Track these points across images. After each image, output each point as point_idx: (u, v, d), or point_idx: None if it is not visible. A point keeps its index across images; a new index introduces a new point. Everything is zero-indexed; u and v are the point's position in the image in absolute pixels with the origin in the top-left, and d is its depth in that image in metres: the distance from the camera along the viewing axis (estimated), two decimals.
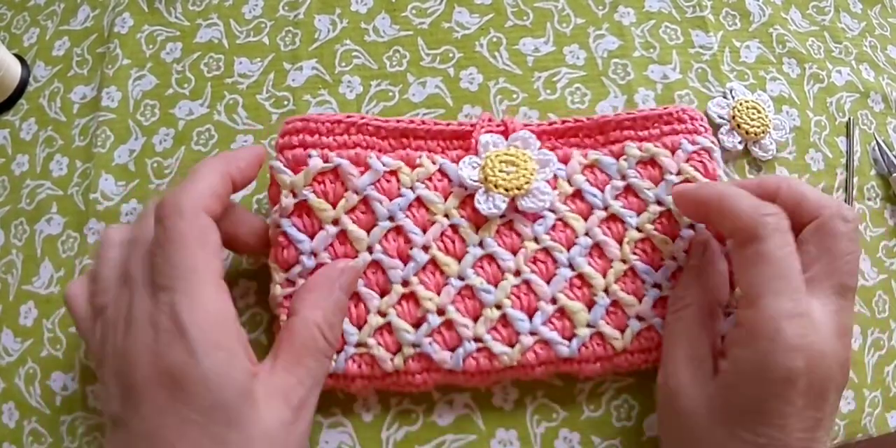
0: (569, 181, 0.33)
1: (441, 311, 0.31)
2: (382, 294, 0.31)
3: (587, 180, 0.33)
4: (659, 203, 0.33)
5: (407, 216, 0.32)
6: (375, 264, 0.31)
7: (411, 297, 0.31)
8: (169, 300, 0.24)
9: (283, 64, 0.40)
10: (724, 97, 0.39)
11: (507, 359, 0.30)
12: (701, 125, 0.34)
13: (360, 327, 0.31)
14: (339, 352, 0.30)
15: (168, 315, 0.24)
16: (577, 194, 0.33)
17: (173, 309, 0.24)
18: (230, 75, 0.40)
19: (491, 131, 0.33)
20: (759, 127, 0.38)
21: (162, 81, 0.40)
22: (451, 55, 0.40)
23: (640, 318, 0.31)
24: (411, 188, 0.32)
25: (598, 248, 0.32)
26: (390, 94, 0.39)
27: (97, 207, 0.37)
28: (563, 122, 0.34)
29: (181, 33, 0.41)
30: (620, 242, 0.32)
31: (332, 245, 0.31)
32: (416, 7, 0.41)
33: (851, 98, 0.41)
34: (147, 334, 0.24)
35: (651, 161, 0.33)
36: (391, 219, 0.32)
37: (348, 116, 0.33)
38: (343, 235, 0.32)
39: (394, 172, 0.32)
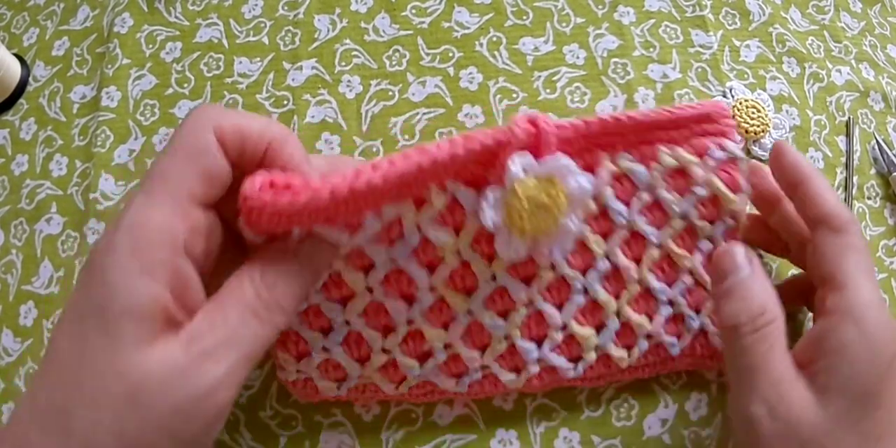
0: (595, 198, 0.29)
1: (448, 345, 0.30)
2: (385, 332, 0.29)
3: (614, 194, 0.30)
4: (683, 217, 0.30)
5: (410, 257, 0.28)
6: (377, 304, 0.29)
7: (417, 334, 0.29)
8: (133, 199, 0.23)
9: (283, 63, 0.40)
10: (724, 96, 0.39)
11: (511, 384, 0.30)
12: (728, 124, 0.30)
13: (362, 363, 0.29)
14: (341, 382, 0.30)
15: (124, 208, 0.23)
16: (603, 213, 0.30)
17: (128, 205, 0.23)
18: (230, 75, 0.40)
19: (521, 145, 0.26)
20: (758, 126, 0.38)
21: (162, 81, 0.40)
22: (450, 55, 0.40)
23: (649, 336, 0.31)
24: (417, 227, 0.28)
25: (615, 271, 0.30)
26: (390, 93, 0.39)
27: (97, 207, 0.37)
28: (601, 121, 0.29)
29: (181, 33, 0.41)
30: (639, 262, 0.30)
31: (325, 286, 0.28)
32: (416, 6, 0.41)
33: (851, 97, 0.41)
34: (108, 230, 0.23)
35: (680, 170, 0.30)
36: (392, 260, 0.28)
37: (332, 190, 0.24)
38: (337, 277, 0.28)
39: (395, 220, 0.27)
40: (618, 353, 0.30)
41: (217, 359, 0.22)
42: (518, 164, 0.26)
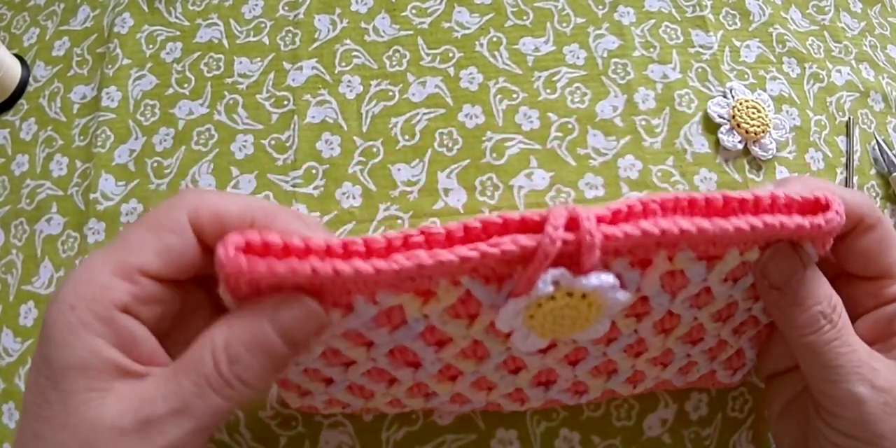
0: (637, 289, 0.24)
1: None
2: (390, 384, 0.27)
3: (660, 285, 0.24)
4: (727, 298, 0.26)
5: (417, 339, 0.24)
6: (380, 369, 0.26)
7: (422, 385, 0.28)
8: (90, 256, 0.23)
9: (283, 64, 0.40)
10: (724, 97, 0.39)
11: (513, 410, 0.31)
12: (831, 226, 0.23)
13: (366, 399, 0.29)
14: (345, 406, 0.30)
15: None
16: (643, 300, 0.25)
17: (83, 261, 0.23)
18: (230, 75, 0.40)
19: (556, 261, 0.21)
20: (758, 126, 0.38)
21: (162, 81, 0.40)
22: (451, 55, 0.40)
23: (657, 378, 0.30)
24: (423, 316, 0.23)
25: (639, 341, 0.27)
26: (390, 93, 0.39)
27: (97, 207, 0.37)
28: (663, 202, 0.22)
29: (181, 33, 0.41)
30: (668, 334, 0.27)
31: (323, 355, 0.25)
32: (416, 7, 0.41)
33: (851, 97, 0.41)
34: None
35: (742, 264, 0.25)
36: (395, 340, 0.24)
37: (326, 250, 0.21)
38: (334, 352, 0.25)
39: (396, 306, 0.23)
40: (623, 389, 0.30)
41: (163, 429, 0.21)
42: (549, 282, 0.21)
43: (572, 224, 0.21)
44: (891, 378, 0.25)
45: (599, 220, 0.21)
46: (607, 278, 0.22)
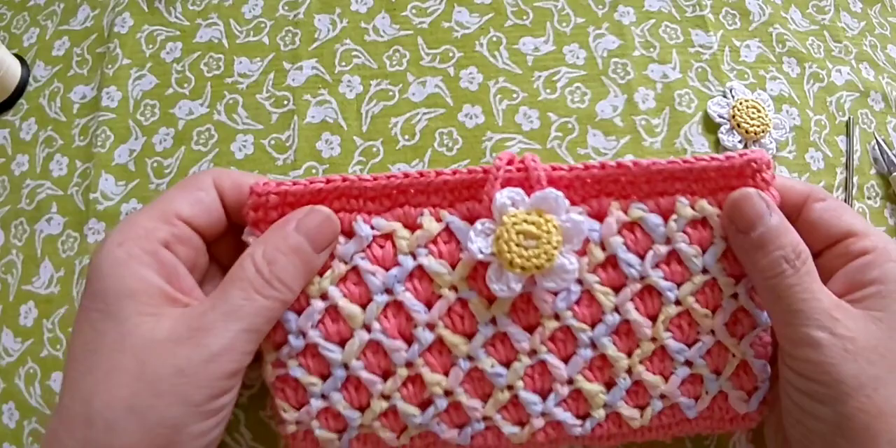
0: (602, 245, 0.28)
1: (448, 392, 0.28)
2: (385, 375, 0.28)
3: (625, 244, 0.28)
4: (705, 271, 0.28)
5: (407, 289, 0.28)
6: (375, 344, 0.28)
7: (417, 379, 0.28)
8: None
9: (283, 63, 0.40)
10: (724, 96, 0.39)
11: (515, 438, 0.28)
12: (763, 179, 0.28)
13: (362, 410, 0.28)
14: (341, 432, 0.28)
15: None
16: (611, 261, 0.28)
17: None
18: (230, 75, 0.40)
19: (510, 182, 0.28)
20: (758, 126, 0.38)
21: (162, 81, 0.40)
22: (450, 55, 0.40)
23: (663, 396, 0.29)
24: (411, 254, 0.28)
25: (626, 325, 0.28)
26: (390, 93, 0.39)
27: (97, 207, 0.37)
28: (604, 166, 0.28)
29: (181, 33, 0.41)
30: (654, 319, 0.28)
31: (321, 322, 0.28)
32: (416, 7, 0.41)
33: (851, 97, 0.41)
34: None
35: (703, 221, 0.28)
36: (388, 292, 0.28)
37: (328, 181, 0.28)
38: (334, 311, 0.28)
39: (388, 236, 0.28)
40: (629, 412, 0.29)
41: (217, 332, 0.24)
42: (506, 195, 0.27)
43: (525, 166, 0.28)
44: (854, 327, 0.26)
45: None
46: (553, 192, 0.27)
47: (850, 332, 0.26)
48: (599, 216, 0.28)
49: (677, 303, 0.28)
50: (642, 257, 0.28)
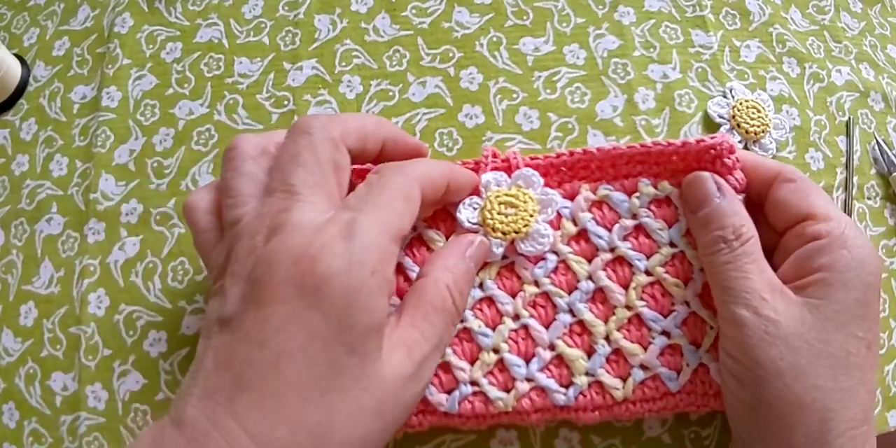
0: (573, 220, 0.31)
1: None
2: None
3: (593, 219, 0.31)
4: (672, 244, 0.31)
5: (406, 255, 0.31)
6: None
7: None
8: (349, 217, 0.24)
9: (283, 64, 0.40)
10: (724, 96, 0.39)
11: (501, 404, 0.29)
12: (724, 164, 0.30)
13: None
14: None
15: (342, 225, 0.24)
16: (582, 234, 0.31)
17: (353, 221, 0.24)
18: (230, 75, 0.40)
19: (495, 168, 0.32)
20: (758, 126, 0.38)
21: (162, 81, 0.40)
22: (451, 55, 0.40)
23: (644, 367, 0.30)
24: (414, 228, 0.31)
25: (601, 293, 0.31)
26: (390, 93, 0.39)
27: (97, 207, 0.37)
28: (572, 154, 0.32)
29: (181, 33, 0.41)
30: (626, 287, 0.30)
31: None
32: (416, 7, 0.41)
33: (851, 97, 0.41)
34: (303, 237, 0.24)
35: (666, 199, 0.31)
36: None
37: None
38: None
39: None
40: (610, 381, 0.29)
41: (430, 365, 0.26)
42: (490, 176, 0.32)
43: (507, 159, 0.32)
44: (783, 311, 0.26)
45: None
46: (529, 170, 0.31)
47: (776, 316, 0.26)
48: (572, 198, 0.32)
49: (647, 273, 0.30)
50: (610, 230, 0.31)
